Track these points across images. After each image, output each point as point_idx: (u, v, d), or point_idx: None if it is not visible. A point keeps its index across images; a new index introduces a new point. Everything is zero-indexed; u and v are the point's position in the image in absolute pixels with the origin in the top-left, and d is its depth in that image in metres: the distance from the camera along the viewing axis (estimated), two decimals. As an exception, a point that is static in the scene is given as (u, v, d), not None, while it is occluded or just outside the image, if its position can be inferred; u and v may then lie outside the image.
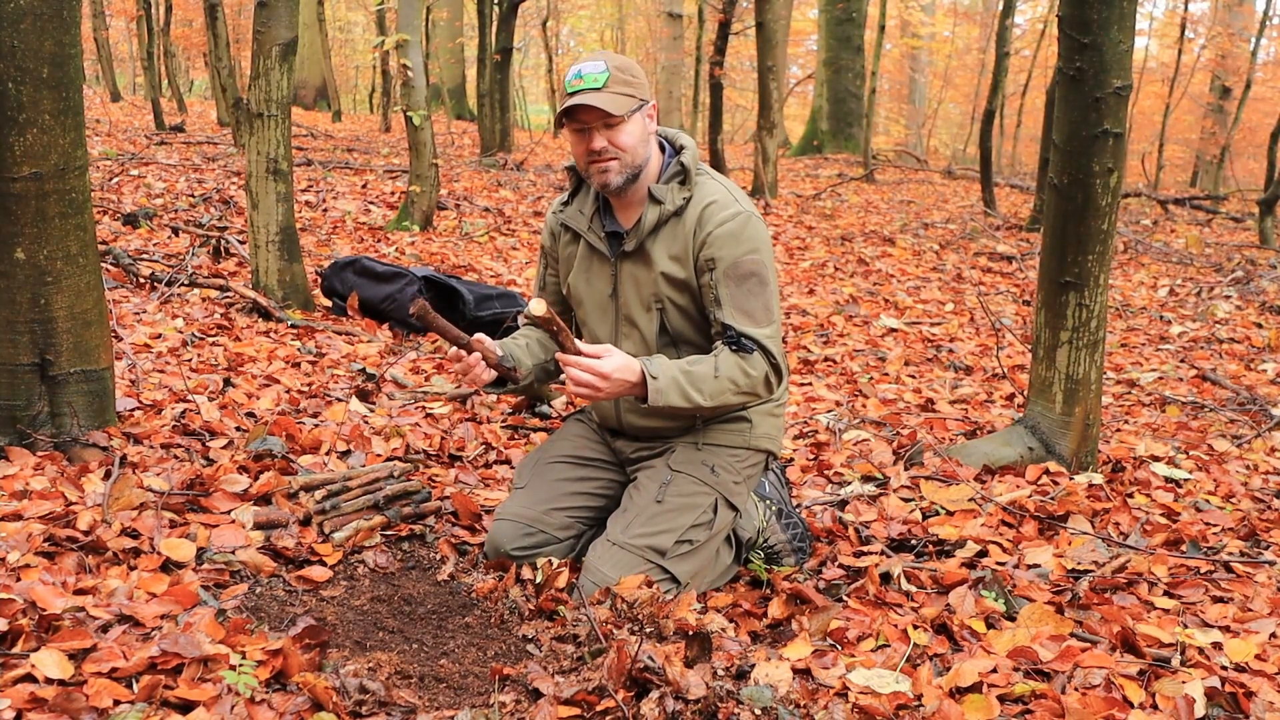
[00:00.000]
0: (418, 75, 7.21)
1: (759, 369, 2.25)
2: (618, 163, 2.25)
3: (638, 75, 2.26)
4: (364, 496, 2.65)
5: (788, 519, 2.54)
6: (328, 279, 5.12)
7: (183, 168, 8.91)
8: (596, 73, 2.20)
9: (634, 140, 2.24)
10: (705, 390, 2.21)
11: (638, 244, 2.30)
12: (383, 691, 1.83)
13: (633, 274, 2.33)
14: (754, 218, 2.26)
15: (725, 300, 2.24)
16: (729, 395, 2.24)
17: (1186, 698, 1.89)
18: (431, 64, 16.59)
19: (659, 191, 2.27)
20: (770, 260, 2.28)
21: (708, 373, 2.22)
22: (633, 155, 2.25)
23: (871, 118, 14.44)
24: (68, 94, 2.66)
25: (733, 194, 2.29)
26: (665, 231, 2.29)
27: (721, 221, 2.23)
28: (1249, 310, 6.89)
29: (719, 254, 2.22)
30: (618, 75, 2.20)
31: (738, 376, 2.23)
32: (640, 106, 2.24)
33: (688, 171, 2.29)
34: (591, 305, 2.42)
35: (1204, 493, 3.24)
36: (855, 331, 5.80)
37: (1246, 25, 18.18)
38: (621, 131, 2.22)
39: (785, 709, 1.81)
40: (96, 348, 2.85)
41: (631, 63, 2.26)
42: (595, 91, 2.19)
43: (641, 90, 2.25)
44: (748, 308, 2.24)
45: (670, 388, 2.19)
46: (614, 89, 2.20)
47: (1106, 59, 3.06)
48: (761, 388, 2.28)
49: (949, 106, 28.08)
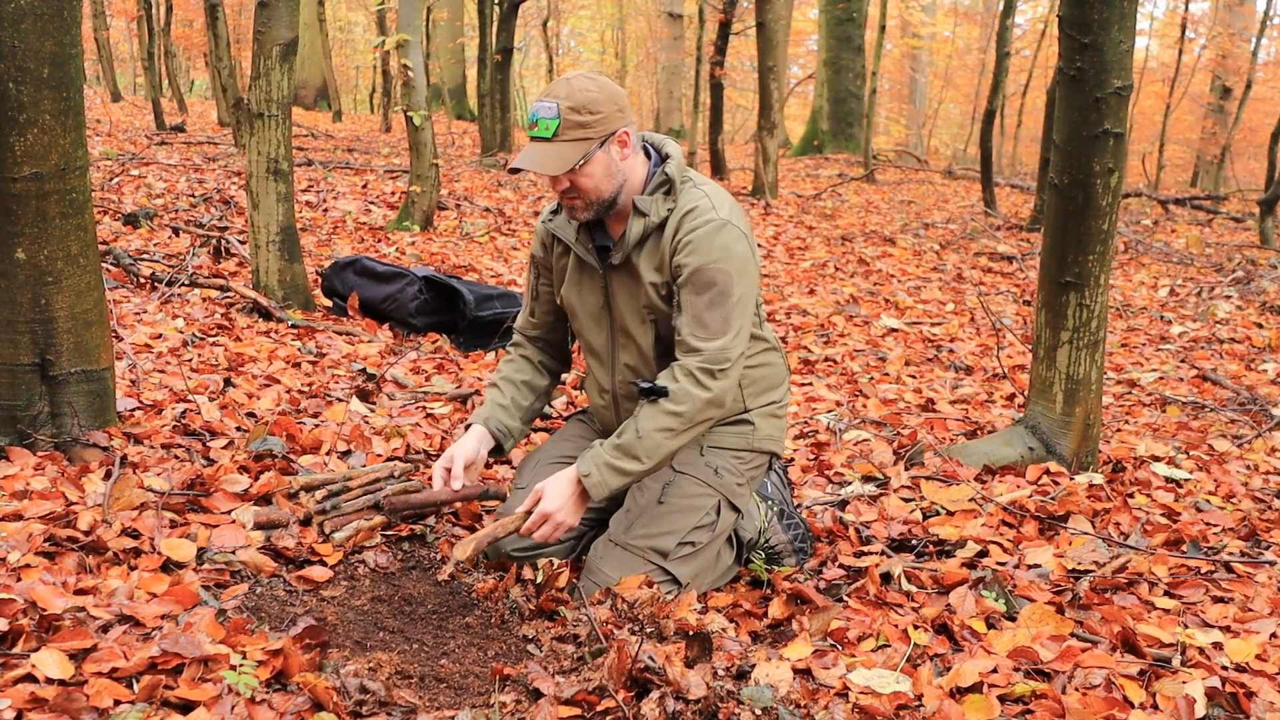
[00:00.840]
0: (418, 75, 7.21)
1: (692, 398, 2.16)
2: (581, 201, 2.21)
3: (599, 109, 2.14)
4: (364, 496, 2.65)
5: (789, 520, 2.54)
6: (328, 279, 5.12)
7: (183, 168, 8.91)
8: (548, 119, 2.12)
9: (595, 181, 2.18)
10: (640, 453, 2.16)
11: (624, 257, 2.26)
12: (383, 691, 1.83)
13: (623, 287, 2.30)
14: (729, 226, 2.19)
15: (685, 307, 2.19)
16: (670, 442, 2.18)
17: (1187, 698, 1.89)
18: (432, 64, 16.60)
19: (643, 204, 2.22)
20: (741, 270, 2.19)
21: (632, 438, 2.17)
22: (597, 194, 2.20)
23: (872, 118, 14.44)
24: (68, 94, 2.66)
25: (713, 201, 2.23)
26: (650, 243, 2.25)
27: (693, 228, 2.18)
28: (1249, 310, 6.89)
29: (685, 260, 2.18)
30: (570, 119, 2.12)
31: (668, 422, 2.16)
32: (602, 143, 2.16)
33: (672, 182, 2.24)
34: (586, 318, 2.40)
35: (1204, 493, 3.24)
36: (856, 331, 5.80)
37: (1247, 25, 18.18)
38: (581, 175, 2.16)
39: (786, 709, 1.81)
40: (97, 348, 2.85)
41: (593, 92, 2.15)
42: (545, 143, 2.14)
43: (602, 125, 2.15)
44: (704, 318, 2.17)
45: (604, 473, 2.17)
46: (566, 136, 2.12)
47: (1107, 59, 3.06)
48: (709, 409, 2.20)
49: (949, 106, 28.08)
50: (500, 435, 2.44)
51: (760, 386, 2.43)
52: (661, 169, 2.26)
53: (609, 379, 2.42)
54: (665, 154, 2.29)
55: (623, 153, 2.21)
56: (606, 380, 2.42)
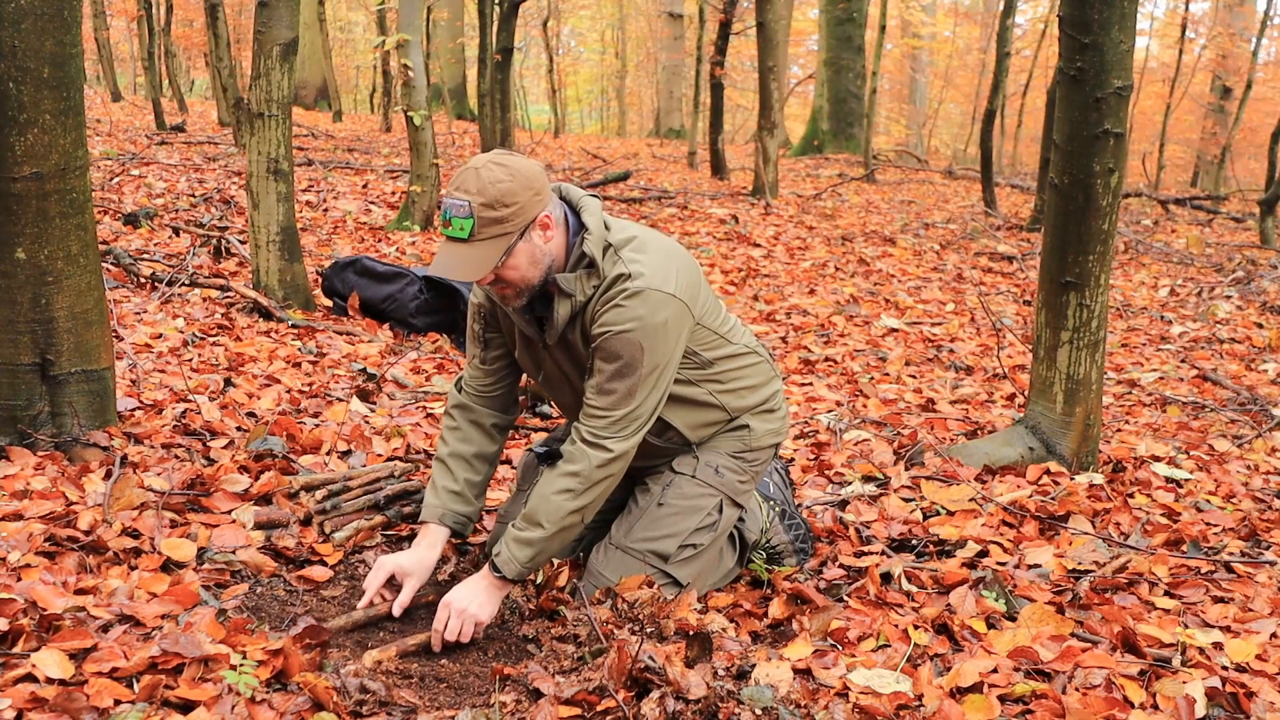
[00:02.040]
0: (418, 75, 7.21)
1: (587, 456, 2.11)
2: (511, 290, 2.12)
3: (514, 199, 2.01)
4: (365, 496, 2.65)
5: (790, 520, 2.54)
6: (328, 279, 5.12)
7: (183, 167, 8.91)
8: (461, 218, 2.01)
9: (520, 272, 2.08)
10: (541, 518, 2.11)
11: (559, 336, 2.19)
12: (383, 691, 1.83)
13: (567, 359, 2.24)
14: (648, 292, 2.07)
15: (594, 372, 2.13)
16: (569, 503, 2.12)
17: (1187, 698, 1.89)
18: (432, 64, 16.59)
19: (566, 284, 2.11)
20: (656, 340, 2.09)
21: (534, 505, 2.13)
22: (525, 283, 2.10)
23: (872, 118, 14.43)
24: (69, 94, 2.66)
25: (631, 267, 2.10)
26: (579, 319, 2.16)
27: (611, 297, 2.09)
28: (1250, 310, 6.89)
29: (598, 329, 2.10)
30: (484, 216, 2.00)
31: (565, 483, 2.11)
32: (521, 234, 2.05)
33: (591, 258, 2.11)
34: (545, 382, 2.34)
35: (1205, 493, 3.24)
36: (856, 331, 5.80)
37: (1247, 25, 18.19)
38: (506, 269, 2.06)
39: (786, 709, 1.81)
40: (97, 348, 2.85)
41: (506, 182, 2.01)
42: (462, 244, 2.03)
43: (520, 216, 2.03)
44: (607, 387, 2.11)
45: (511, 548, 2.12)
46: (483, 234, 2.01)
47: (1107, 59, 3.06)
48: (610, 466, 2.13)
49: (949, 106, 28.08)
50: (459, 526, 2.33)
51: (744, 395, 2.37)
52: (579, 244, 2.13)
53: None
54: (583, 222, 2.15)
55: (546, 235, 2.10)
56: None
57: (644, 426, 2.16)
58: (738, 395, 2.36)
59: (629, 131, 28.09)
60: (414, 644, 2.05)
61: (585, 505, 2.15)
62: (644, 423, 2.15)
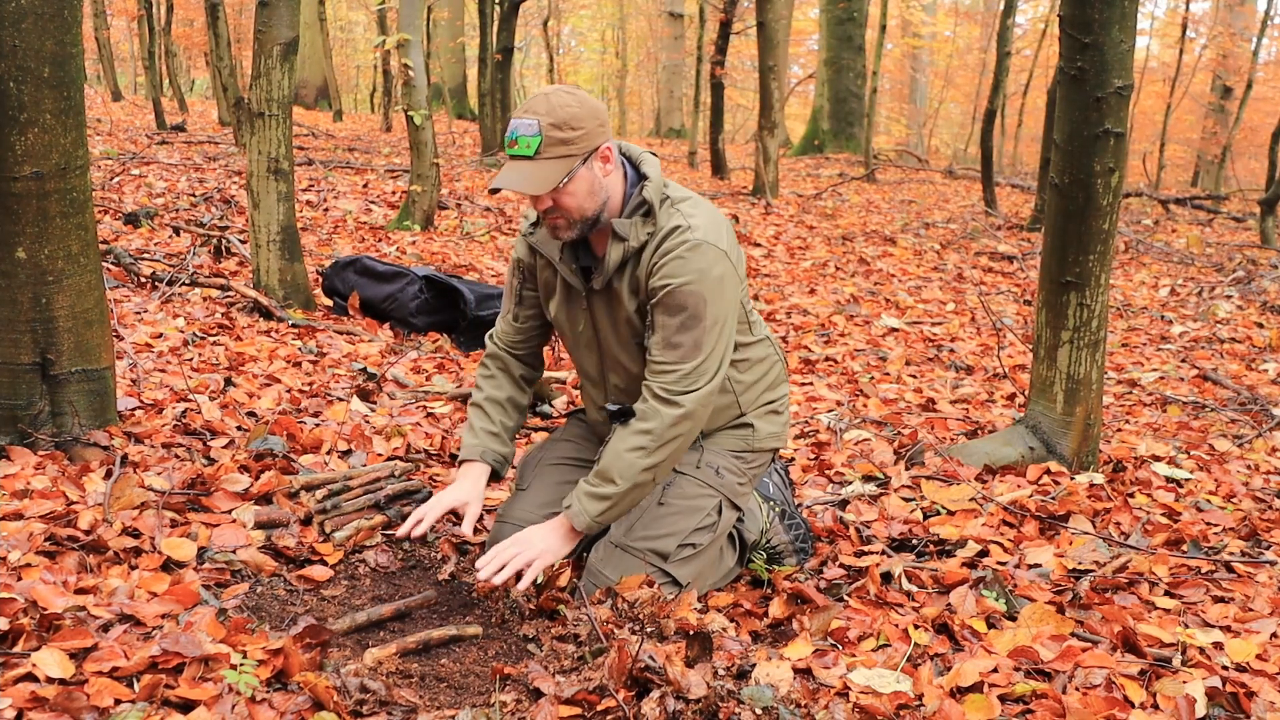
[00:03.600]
0: (419, 75, 7.21)
1: (660, 415, 2.13)
2: (564, 220, 2.15)
3: (580, 124, 2.07)
4: (365, 496, 2.65)
5: (790, 520, 2.54)
6: (329, 278, 5.12)
7: (184, 167, 8.91)
8: (529, 136, 2.05)
9: (578, 200, 2.11)
10: (614, 475, 2.14)
11: (605, 282, 2.20)
12: (384, 691, 1.83)
13: (606, 311, 2.25)
14: (705, 246, 2.12)
15: (657, 327, 2.15)
16: (642, 460, 2.14)
17: (1187, 698, 1.89)
18: (433, 63, 16.59)
19: (621, 228, 2.15)
20: (715, 290, 2.13)
21: (607, 462, 2.16)
22: (580, 213, 2.14)
23: (873, 117, 14.43)
24: (69, 93, 2.67)
25: (691, 220, 2.15)
26: (629, 268, 2.18)
27: (670, 249, 2.12)
28: (1250, 310, 6.89)
29: (660, 282, 2.12)
30: (551, 135, 2.04)
31: (638, 441, 2.14)
32: (585, 159, 2.10)
33: (650, 205, 2.16)
34: (574, 339, 2.36)
35: (1205, 493, 3.24)
36: (856, 331, 5.80)
37: (1248, 25, 18.18)
38: (564, 194, 2.10)
39: (786, 709, 1.81)
40: (97, 347, 2.85)
41: (575, 107, 2.07)
42: (526, 161, 2.06)
43: (585, 141, 2.08)
44: (674, 340, 2.13)
45: (583, 502, 2.16)
46: (548, 153, 2.05)
47: (1108, 58, 3.06)
48: (681, 424, 2.15)
49: (950, 106, 28.08)
50: (497, 465, 2.40)
51: (757, 389, 2.41)
52: (639, 191, 2.18)
53: (602, 397, 2.40)
54: (643, 173, 2.21)
55: (605, 169, 2.14)
56: (600, 398, 2.41)
57: (713, 383, 2.17)
58: (752, 388, 2.39)
59: (629, 131, 28.09)
60: (414, 643, 2.05)
61: (658, 464, 2.17)
62: (712, 378, 2.16)
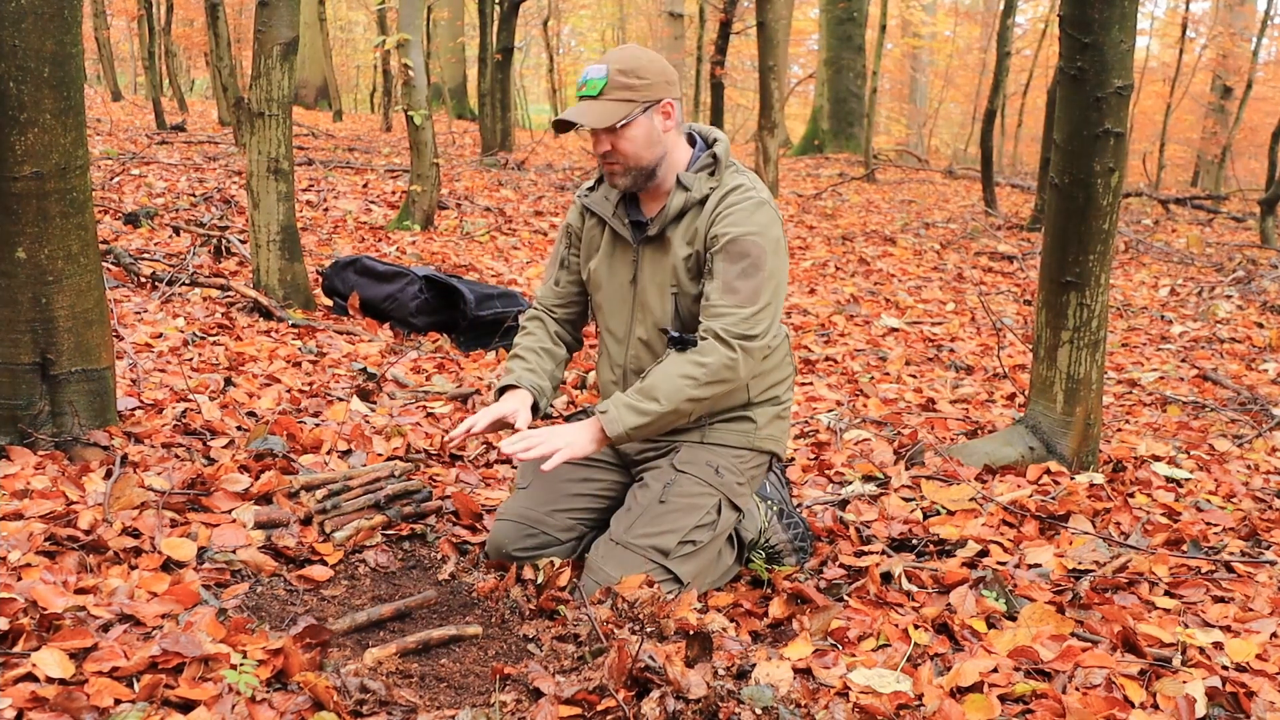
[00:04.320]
0: (419, 75, 7.21)
1: (715, 355, 2.19)
2: (621, 166, 2.27)
3: (646, 75, 2.23)
4: (365, 496, 2.65)
5: (789, 519, 2.54)
6: (329, 278, 5.12)
7: (184, 167, 8.92)
8: (597, 78, 2.22)
9: (636, 146, 2.24)
10: (659, 394, 2.18)
11: (660, 229, 2.31)
12: (383, 691, 1.83)
13: (652, 259, 2.34)
14: (768, 205, 2.26)
15: (717, 273, 2.23)
16: (689, 390, 2.19)
17: (1187, 697, 1.89)
18: (433, 63, 16.59)
19: (687, 179, 2.28)
20: (775, 250, 2.24)
21: (655, 380, 2.20)
22: (636, 159, 2.26)
23: (872, 117, 14.43)
24: (69, 93, 2.67)
25: (756, 185, 2.30)
26: (687, 218, 2.29)
27: (734, 203, 2.24)
28: (1250, 310, 6.89)
29: (723, 230, 2.22)
30: (617, 80, 2.21)
31: (691, 370, 2.19)
32: (646, 108, 2.23)
33: (718, 163, 2.30)
34: (610, 290, 2.43)
35: (1205, 492, 3.24)
36: (856, 331, 5.80)
37: (1248, 25, 18.18)
38: (622, 137, 2.23)
39: (786, 709, 1.81)
40: (97, 347, 2.85)
41: (643, 60, 2.24)
42: (591, 100, 2.22)
43: (649, 91, 2.23)
44: (735, 285, 2.21)
45: (620, 411, 2.19)
46: (612, 95, 2.21)
47: (1108, 58, 3.06)
48: (727, 372, 2.20)
49: (950, 106, 28.08)
50: (538, 395, 2.43)
51: (766, 378, 2.42)
52: (710, 151, 2.32)
53: (622, 354, 2.44)
54: (714, 139, 2.35)
55: (665, 124, 2.27)
56: (620, 355, 2.44)
57: (765, 336, 2.23)
58: (761, 379, 2.41)
59: (629, 131, 28.02)
60: (414, 643, 2.05)
61: (701, 399, 2.22)
62: (766, 329, 2.23)
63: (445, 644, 2.09)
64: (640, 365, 2.40)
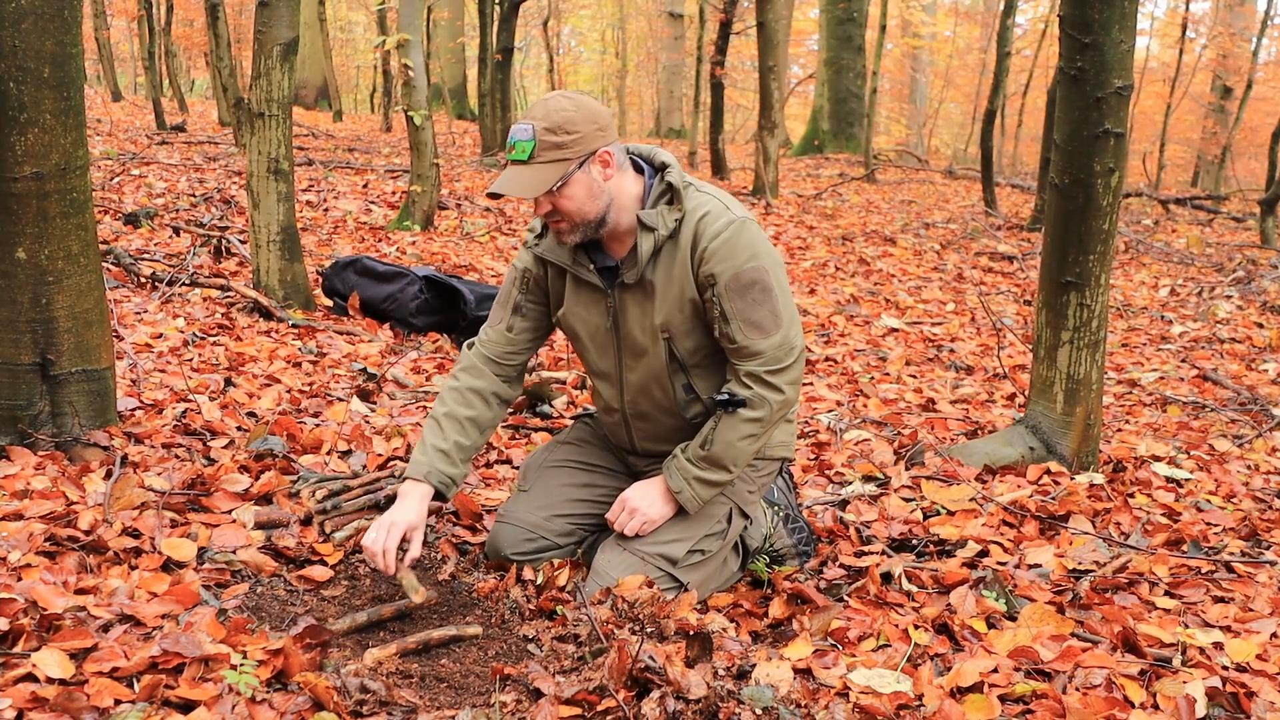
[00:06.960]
0: (419, 75, 7.21)
1: (768, 402, 2.18)
2: (567, 224, 2.16)
3: (575, 128, 2.08)
4: (365, 496, 2.65)
5: (794, 523, 2.54)
6: (329, 279, 5.12)
7: (184, 167, 8.91)
8: (524, 140, 2.09)
9: (577, 202, 2.12)
10: (727, 463, 2.22)
11: (638, 275, 2.19)
12: (384, 691, 1.83)
13: (634, 305, 2.23)
14: (748, 223, 2.16)
15: (731, 315, 2.15)
16: (753, 446, 2.23)
17: (1187, 698, 1.89)
18: (433, 64, 16.59)
19: (649, 218, 2.16)
20: (772, 261, 2.17)
21: (720, 450, 2.21)
22: (581, 215, 2.14)
23: (873, 117, 14.43)
24: (69, 94, 2.66)
25: (723, 202, 2.19)
26: (664, 256, 2.18)
27: (716, 234, 2.12)
28: (1250, 310, 6.89)
29: (718, 269, 2.13)
30: (545, 140, 2.07)
31: (749, 430, 2.20)
32: (582, 163, 2.10)
33: (675, 189, 2.17)
34: (589, 339, 2.34)
35: (1205, 493, 3.24)
36: (856, 331, 5.80)
37: (1248, 25, 18.19)
38: (562, 197, 2.11)
39: (786, 709, 1.81)
40: (98, 347, 2.85)
41: (569, 111, 2.09)
42: (522, 165, 2.10)
43: (580, 145, 2.09)
44: (754, 319, 2.15)
45: (695, 488, 2.24)
46: (542, 157, 2.08)
47: (1108, 59, 3.06)
48: (784, 408, 2.22)
49: (950, 106, 28.08)
50: (443, 487, 2.29)
51: None
52: (661, 178, 2.20)
53: (618, 398, 2.36)
54: (661, 163, 2.23)
55: (605, 172, 2.14)
56: (615, 400, 2.37)
57: (799, 346, 2.21)
58: None
59: (630, 131, 28.09)
60: (414, 643, 2.05)
61: (762, 445, 2.28)
62: (797, 339, 2.21)
63: (445, 644, 2.09)
64: (640, 410, 2.34)
